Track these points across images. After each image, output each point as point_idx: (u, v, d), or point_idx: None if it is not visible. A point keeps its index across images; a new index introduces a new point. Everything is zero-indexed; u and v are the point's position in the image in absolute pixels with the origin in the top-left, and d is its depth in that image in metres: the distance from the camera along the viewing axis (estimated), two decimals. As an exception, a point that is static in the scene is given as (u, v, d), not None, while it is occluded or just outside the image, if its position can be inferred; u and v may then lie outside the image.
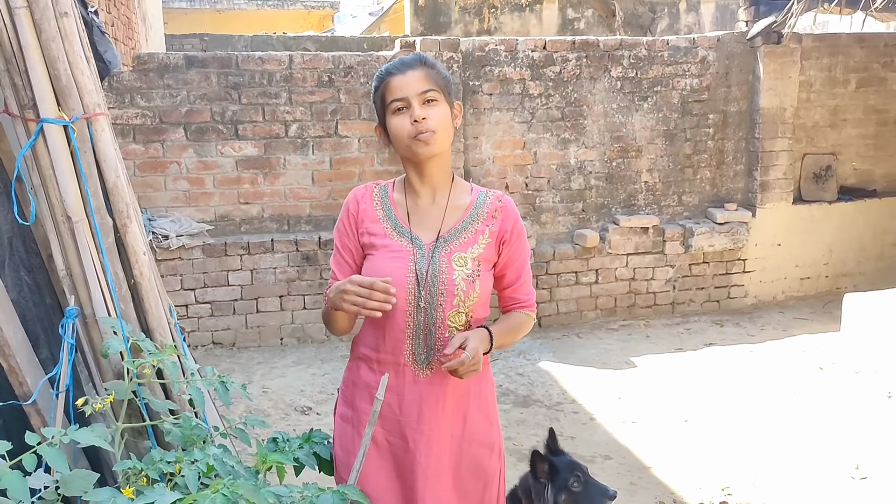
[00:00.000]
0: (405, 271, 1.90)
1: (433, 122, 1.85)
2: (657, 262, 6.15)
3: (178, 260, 5.37)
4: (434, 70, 1.90)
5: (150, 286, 2.36)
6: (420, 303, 1.89)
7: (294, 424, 4.45)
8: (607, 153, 6.06)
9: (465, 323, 1.92)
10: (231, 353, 5.54)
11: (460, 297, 1.88)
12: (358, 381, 2.02)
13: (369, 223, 1.97)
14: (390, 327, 1.92)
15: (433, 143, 1.86)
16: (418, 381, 1.93)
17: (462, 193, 2.00)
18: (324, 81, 5.54)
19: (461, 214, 1.96)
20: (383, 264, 1.91)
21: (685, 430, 4.33)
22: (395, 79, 1.87)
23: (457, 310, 1.90)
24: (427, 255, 1.92)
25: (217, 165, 5.50)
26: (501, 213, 1.96)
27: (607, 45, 5.92)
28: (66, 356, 2.17)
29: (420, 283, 1.89)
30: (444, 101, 1.88)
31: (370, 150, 5.72)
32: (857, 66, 6.42)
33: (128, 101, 5.27)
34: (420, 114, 1.83)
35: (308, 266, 5.59)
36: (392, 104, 1.87)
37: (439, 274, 1.89)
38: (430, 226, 1.96)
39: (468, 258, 1.91)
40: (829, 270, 6.55)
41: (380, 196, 2.00)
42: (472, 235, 1.94)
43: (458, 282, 1.88)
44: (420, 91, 1.85)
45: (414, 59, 1.92)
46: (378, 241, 1.94)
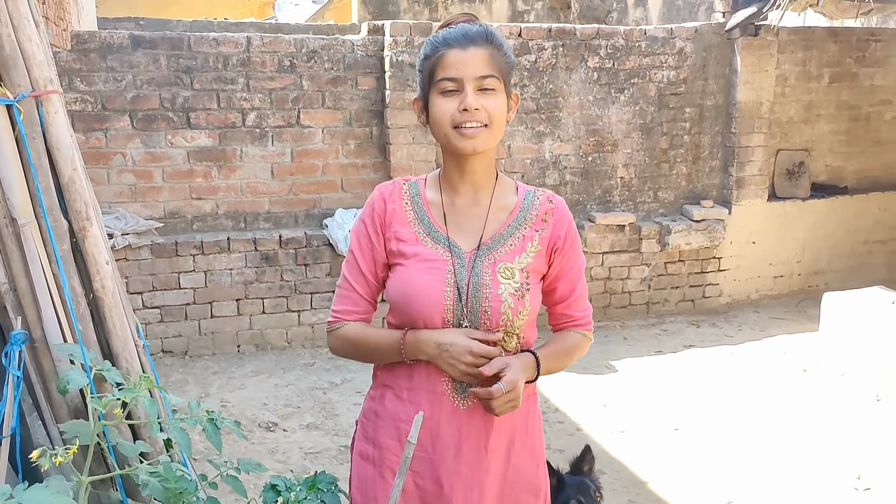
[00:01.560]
0: (442, 285, 1.58)
1: (486, 114, 1.53)
2: (633, 260, 5.93)
3: (123, 261, 4.87)
4: (500, 52, 1.57)
5: (114, 301, 1.95)
6: (461, 322, 1.58)
7: (259, 442, 4.04)
8: (583, 147, 5.80)
9: (515, 346, 1.61)
10: (183, 362, 5.08)
11: (508, 316, 1.57)
12: (382, 412, 1.68)
13: (398, 226, 1.64)
14: None
15: (479, 138, 1.54)
16: (457, 412, 1.61)
17: (507, 193, 1.68)
18: (285, 66, 5.11)
19: (506, 217, 1.65)
20: (416, 277, 1.59)
21: (677, 440, 4.11)
22: (452, 53, 1.52)
23: (505, 330, 1.59)
24: (467, 265, 1.59)
25: (167, 157, 5.02)
26: (553, 217, 1.65)
27: (584, 34, 5.65)
28: (10, 392, 1.75)
29: (461, 298, 1.57)
30: (502, 91, 1.56)
31: (335, 142, 5.32)
32: (831, 61, 6.33)
33: (65, 85, 4.74)
34: (472, 102, 1.51)
35: (267, 267, 5.16)
36: (441, 82, 1.54)
37: (482, 288, 1.58)
38: (470, 230, 1.64)
39: (515, 269, 1.60)
40: (801, 268, 6.46)
41: (410, 194, 1.67)
42: (519, 242, 1.62)
43: (505, 297, 1.57)
44: (479, 75, 1.52)
45: (480, 32, 1.55)
46: (408, 249, 1.62)
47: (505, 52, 1.58)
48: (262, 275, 5.17)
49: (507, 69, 1.59)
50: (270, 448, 3.98)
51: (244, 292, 5.16)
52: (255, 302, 5.19)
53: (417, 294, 1.57)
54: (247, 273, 5.14)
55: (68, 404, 1.90)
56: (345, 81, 5.26)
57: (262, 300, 5.21)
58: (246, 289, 5.16)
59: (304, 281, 5.25)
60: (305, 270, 5.24)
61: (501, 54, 1.57)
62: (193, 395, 4.58)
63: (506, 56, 1.58)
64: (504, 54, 1.58)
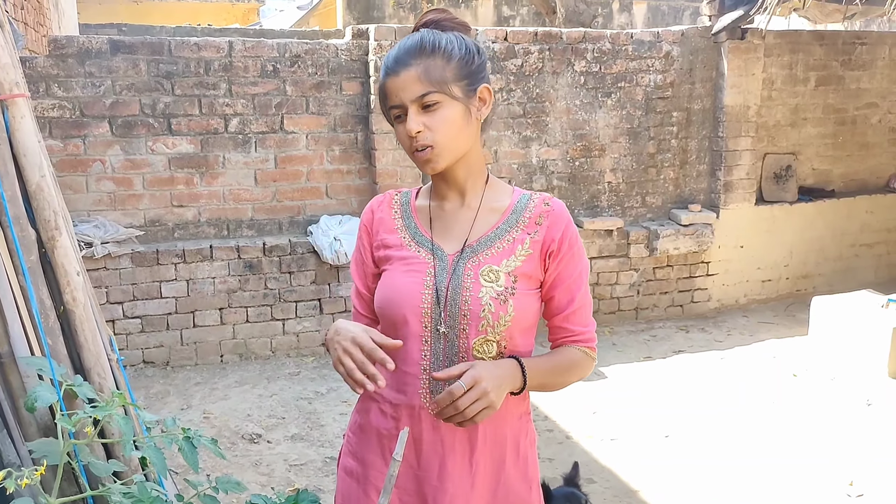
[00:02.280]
0: (420, 287, 1.52)
1: (432, 134, 1.45)
2: (621, 265, 5.88)
3: (102, 270, 4.77)
4: (437, 59, 1.46)
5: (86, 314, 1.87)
6: (439, 327, 1.51)
7: (243, 454, 3.95)
8: (570, 152, 5.75)
9: (497, 355, 1.52)
10: (165, 372, 4.97)
11: (488, 321, 1.49)
12: (367, 426, 1.61)
13: (385, 234, 1.60)
14: (403, 359, 1.53)
15: (434, 158, 1.48)
16: (438, 427, 1.53)
17: (499, 195, 1.61)
18: (268, 71, 5.03)
19: (496, 219, 1.57)
20: (396, 280, 1.55)
21: (667, 447, 4.06)
22: (388, 81, 1.47)
23: (485, 337, 1.50)
24: (449, 267, 1.53)
25: (147, 164, 4.92)
26: (548, 219, 1.55)
27: (571, 38, 5.60)
28: (-25, 410, 1.67)
29: (439, 301, 1.50)
30: (450, 101, 1.46)
31: (319, 148, 5.24)
32: (817, 65, 6.32)
33: (43, 91, 4.64)
34: (413, 126, 1.45)
35: (251, 275, 5.07)
36: (390, 111, 1.49)
37: (462, 291, 1.50)
38: (456, 233, 1.57)
39: (501, 272, 1.51)
40: (789, 272, 6.43)
41: (400, 203, 1.64)
42: (508, 245, 1.54)
43: (486, 301, 1.48)
44: (414, 97, 1.45)
45: (411, 48, 1.47)
46: (394, 254, 1.57)
47: (448, 55, 1.47)
48: (245, 283, 5.08)
49: (458, 71, 1.48)
50: (254, 461, 3.89)
51: (227, 301, 5.07)
52: (238, 311, 5.10)
53: (395, 296, 1.53)
54: (230, 281, 5.05)
55: (37, 421, 1.81)
56: (329, 86, 5.19)
57: (246, 309, 5.12)
58: (229, 297, 5.07)
59: (288, 289, 5.16)
60: (290, 278, 5.15)
61: (443, 60, 1.46)
62: (175, 407, 4.49)
63: (448, 60, 1.47)
64: (448, 58, 1.47)
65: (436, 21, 1.54)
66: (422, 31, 1.51)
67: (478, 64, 1.52)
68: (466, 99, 1.49)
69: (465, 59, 1.49)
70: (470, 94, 1.50)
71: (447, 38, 1.49)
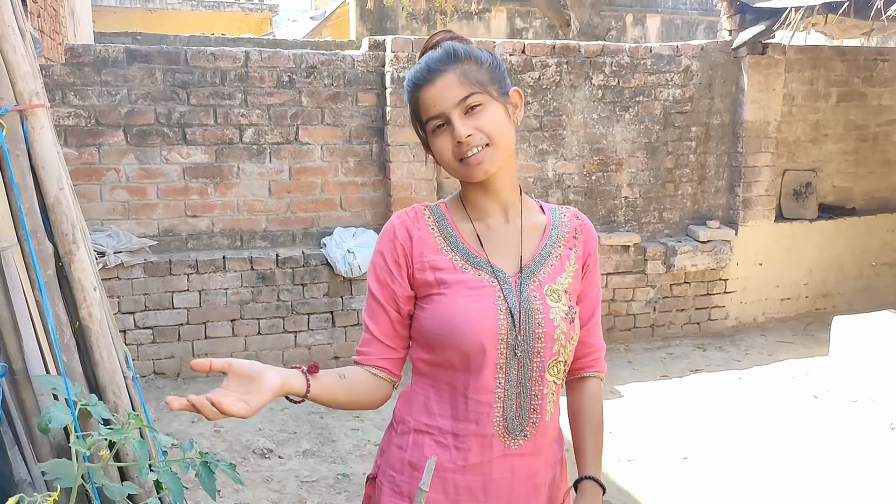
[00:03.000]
0: (494, 312, 1.44)
1: (481, 135, 1.41)
2: (638, 282, 5.80)
3: (115, 280, 4.73)
4: (470, 63, 1.43)
5: (102, 330, 1.82)
6: (516, 351, 1.44)
7: (254, 470, 3.89)
8: (586, 166, 5.69)
9: (562, 374, 1.52)
10: (175, 384, 4.92)
11: (561, 342, 1.47)
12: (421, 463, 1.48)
13: (430, 255, 1.48)
14: (475, 388, 1.44)
15: (486, 161, 1.42)
16: (510, 453, 1.47)
17: (534, 211, 1.59)
18: (283, 82, 5.00)
19: (540, 236, 1.55)
20: (462, 306, 1.43)
21: (686, 469, 3.97)
22: (424, 92, 1.43)
23: (556, 358, 1.48)
24: (515, 289, 1.47)
25: (161, 173, 4.89)
26: (583, 233, 1.58)
27: (589, 51, 5.55)
28: (-13, 430, 1.61)
29: (515, 325, 1.44)
30: (493, 101, 1.43)
31: (334, 159, 5.20)
32: (838, 80, 6.24)
33: (59, 99, 4.62)
34: (463, 131, 1.39)
35: (264, 286, 5.02)
36: (429, 123, 1.44)
37: (534, 313, 1.45)
38: (507, 253, 1.52)
39: (560, 291, 1.50)
40: (808, 291, 6.34)
41: (435, 220, 1.53)
42: (557, 262, 1.53)
43: (558, 321, 1.46)
44: (457, 100, 1.40)
45: (442, 56, 1.44)
46: (449, 277, 1.46)
47: (477, 60, 1.45)
48: (258, 295, 5.03)
49: (490, 74, 1.45)
50: (265, 476, 3.82)
51: (239, 312, 5.02)
52: (250, 322, 5.04)
53: (466, 324, 1.42)
54: (242, 293, 5.00)
55: (51, 441, 1.75)
56: (345, 98, 5.15)
57: (258, 321, 5.06)
58: (241, 309, 5.02)
59: (301, 301, 5.11)
60: (303, 290, 5.10)
61: (474, 65, 1.44)
62: (185, 420, 4.43)
63: (480, 64, 1.45)
64: (477, 63, 1.44)
65: (445, 41, 1.50)
66: (443, 43, 1.48)
67: (503, 70, 1.51)
68: (503, 100, 1.46)
69: (492, 64, 1.47)
70: (504, 96, 1.47)
71: (472, 46, 1.48)
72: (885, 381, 4.71)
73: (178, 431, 4.26)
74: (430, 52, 1.48)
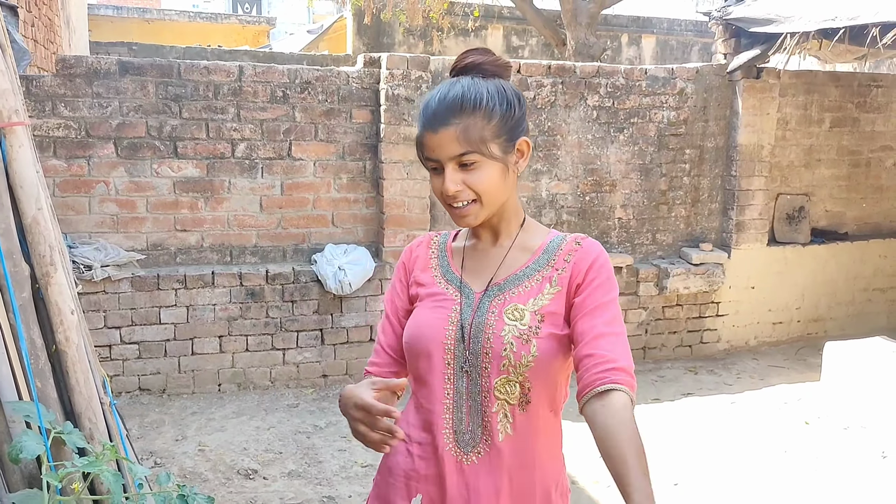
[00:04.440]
0: (445, 323, 1.50)
1: (469, 192, 1.43)
2: (630, 303, 5.77)
3: (101, 294, 4.67)
4: (477, 117, 1.41)
5: (79, 355, 1.77)
6: (463, 365, 1.47)
7: (237, 491, 3.82)
8: (580, 186, 5.67)
9: (520, 396, 1.45)
10: (161, 401, 4.85)
11: (510, 360, 1.43)
12: (395, 468, 1.56)
13: (419, 272, 1.62)
14: (428, 397, 1.52)
15: (472, 215, 1.46)
16: (462, 469, 1.47)
17: (533, 236, 1.57)
18: (277, 97, 4.97)
19: (526, 259, 1.53)
20: (423, 315, 1.54)
21: (677, 496, 3.92)
22: (427, 136, 1.44)
23: (507, 377, 1.44)
24: (475, 304, 1.49)
25: (151, 187, 4.84)
26: (576, 255, 1.49)
27: (584, 72, 5.54)
28: (-45, 458, 1.56)
29: (463, 338, 1.47)
30: (487, 161, 1.43)
31: (326, 175, 5.16)
32: (832, 105, 6.25)
33: (48, 110, 4.57)
34: (450, 186, 1.42)
35: (253, 303, 4.96)
36: (426, 161, 1.47)
37: (485, 328, 1.46)
38: (483, 272, 1.55)
39: (526, 311, 1.46)
40: (800, 315, 6.32)
41: (437, 243, 1.65)
42: (536, 284, 1.49)
43: (508, 339, 1.43)
44: (452, 155, 1.42)
45: (451, 105, 1.42)
46: (424, 291, 1.58)
47: (489, 113, 1.42)
48: (246, 311, 4.97)
49: (499, 128, 1.43)
50: (249, 498, 3.75)
51: (227, 329, 4.96)
52: (238, 339, 4.99)
53: (421, 332, 1.52)
54: (231, 309, 4.94)
55: (21, 470, 1.70)
56: (339, 114, 5.12)
57: (246, 337, 5.00)
58: (229, 325, 4.96)
59: (290, 318, 5.05)
60: (292, 307, 5.04)
61: (483, 118, 1.42)
62: (170, 438, 4.36)
63: (491, 117, 1.42)
64: (487, 117, 1.42)
65: (477, 64, 1.48)
66: (463, 81, 1.46)
67: (517, 117, 1.47)
68: (504, 156, 1.46)
69: (505, 115, 1.45)
70: (508, 149, 1.47)
71: (489, 94, 1.44)
72: (877, 408, 4.68)
73: (161, 450, 4.20)
74: (451, 80, 1.47)
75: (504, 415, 1.46)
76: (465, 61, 1.48)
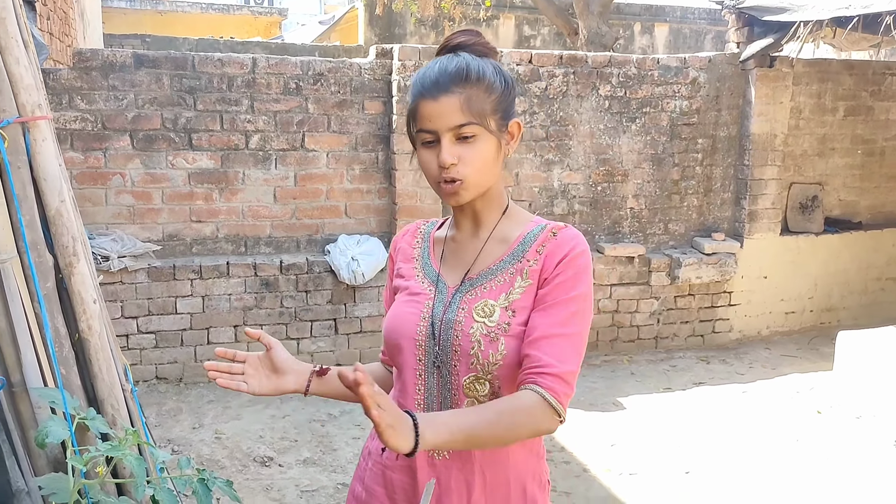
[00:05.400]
0: (417, 319, 1.47)
1: (464, 168, 1.38)
2: (642, 293, 5.78)
3: (118, 284, 4.73)
4: (480, 88, 1.38)
5: (101, 343, 1.81)
6: (434, 361, 1.44)
7: (254, 478, 3.88)
8: (592, 176, 5.68)
9: (490, 394, 1.41)
10: (178, 389, 4.92)
11: (477, 359, 1.39)
12: (374, 452, 1.56)
13: (402, 263, 1.60)
14: (401, 392, 1.50)
15: (462, 192, 1.40)
16: (434, 463, 1.45)
17: (514, 225, 1.50)
18: (290, 89, 5.00)
19: (502, 252, 1.47)
20: (398, 310, 1.52)
21: (689, 484, 3.94)
22: (424, 104, 1.38)
23: (475, 375, 1.40)
24: (447, 300, 1.46)
25: (167, 178, 4.90)
26: (548, 248, 1.42)
27: (596, 62, 5.55)
28: (-17, 443, 1.61)
29: (434, 335, 1.44)
30: (486, 134, 1.39)
31: (339, 166, 5.20)
32: (846, 94, 6.22)
33: (66, 103, 4.63)
34: (447, 158, 1.37)
35: (267, 293, 5.02)
36: (420, 134, 1.41)
37: (454, 325, 1.42)
38: (460, 266, 1.51)
39: (497, 307, 1.41)
40: (813, 305, 6.31)
41: (423, 233, 1.61)
42: (508, 278, 1.43)
43: (476, 338, 1.39)
44: (452, 125, 1.37)
45: (454, 76, 1.38)
46: (403, 283, 1.56)
47: (489, 87, 1.40)
48: (261, 301, 5.02)
49: (497, 104, 1.41)
50: (265, 485, 3.81)
51: (242, 318, 5.02)
52: (253, 328, 5.03)
53: (395, 326, 1.50)
54: (246, 299, 5.00)
55: (47, 454, 1.75)
56: (351, 105, 5.15)
57: (261, 327, 5.06)
58: (244, 315, 5.02)
59: (304, 308, 5.10)
60: (306, 297, 5.10)
61: (482, 93, 1.39)
62: (187, 426, 4.43)
63: (490, 92, 1.40)
64: (487, 90, 1.40)
65: (467, 45, 1.45)
66: (463, 55, 1.42)
67: (512, 98, 1.46)
68: (500, 133, 1.42)
69: (504, 92, 1.43)
70: (503, 128, 1.43)
71: (490, 69, 1.42)
72: (890, 397, 4.67)
73: (179, 438, 4.26)
74: (447, 55, 1.44)
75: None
76: (455, 41, 1.45)
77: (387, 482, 1.51)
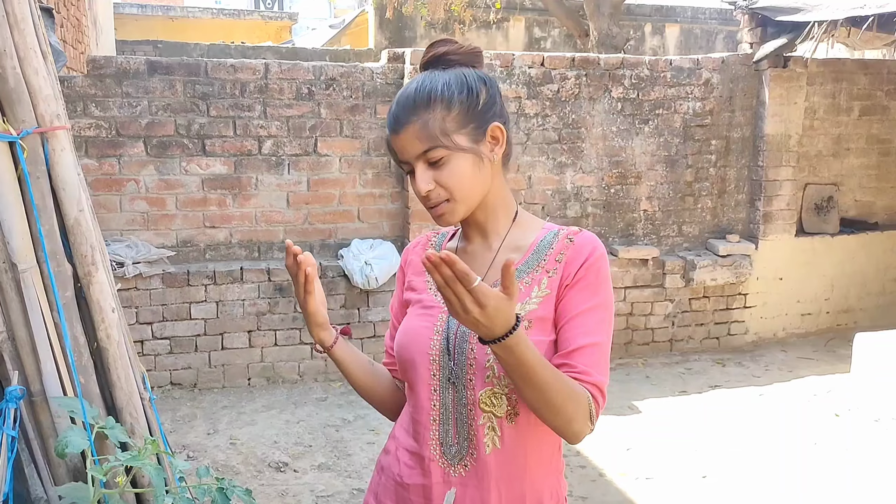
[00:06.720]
0: (431, 332, 1.43)
1: (443, 191, 1.36)
2: (656, 296, 5.76)
3: (133, 290, 4.75)
4: (437, 110, 1.35)
5: (120, 352, 1.81)
6: (449, 376, 1.41)
7: (269, 484, 3.88)
8: (605, 179, 5.66)
9: (508, 409, 1.39)
10: (192, 395, 4.93)
11: (493, 372, 1.36)
12: (388, 468, 1.53)
13: (412, 275, 1.56)
14: (415, 406, 1.46)
15: (447, 214, 1.38)
16: (449, 481, 1.43)
17: (526, 232, 1.48)
18: (303, 94, 5.01)
19: (516, 260, 1.44)
20: (411, 323, 1.48)
21: (706, 489, 3.91)
22: (393, 140, 1.39)
23: (492, 389, 1.37)
24: None
25: (181, 184, 4.91)
26: (567, 254, 1.40)
27: (608, 64, 5.53)
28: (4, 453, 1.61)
29: (448, 349, 1.41)
30: (456, 152, 1.35)
31: (352, 171, 5.20)
32: (861, 94, 6.17)
33: (80, 110, 4.66)
34: (422, 186, 1.35)
35: (281, 298, 5.02)
36: (401, 165, 1.41)
37: (469, 338, 1.38)
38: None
39: None
40: (829, 306, 6.26)
41: (434, 244, 1.59)
42: (525, 287, 1.40)
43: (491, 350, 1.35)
44: (416, 154, 1.35)
45: (407, 104, 1.36)
46: (415, 297, 1.53)
47: (448, 104, 1.36)
48: (274, 306, 5.03)
49: (462, 118, 1.37)
50: (280, 490, 3.81)
51: (256, 324, 5.03)
52: (267, 334, 5.05)
53: (408, 342, 1.47)
54: (259, 304, 5.00)
55: (67, 463, 1.75)
56: (363, 110, 5.15)
57: (275, 332, 5.06)
58: (258, 320, 5.02)
59: (318, 313, 5.09)
60: (320, 302, 5.09)
61: (443, 109, 1.35)
62: (202, 431, 4.43)
63: (450, 108, 1.36)
64: (446, 108, 1.35)
65: (440, 55, 1.42)
66: (418, 77, 1.41)
67: (484, 102, 1.39)
68: (475, 146, 1.38)
69: (467, 102, 1.37)
70: (479, 137, 1.38)
71: (444, 84, 1.37)
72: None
73: (194, 444, 4.27)
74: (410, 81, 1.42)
75: (491, 427, 1.40)
76: (429, 54, 1.43)
77: (399, 499, 1.49)
